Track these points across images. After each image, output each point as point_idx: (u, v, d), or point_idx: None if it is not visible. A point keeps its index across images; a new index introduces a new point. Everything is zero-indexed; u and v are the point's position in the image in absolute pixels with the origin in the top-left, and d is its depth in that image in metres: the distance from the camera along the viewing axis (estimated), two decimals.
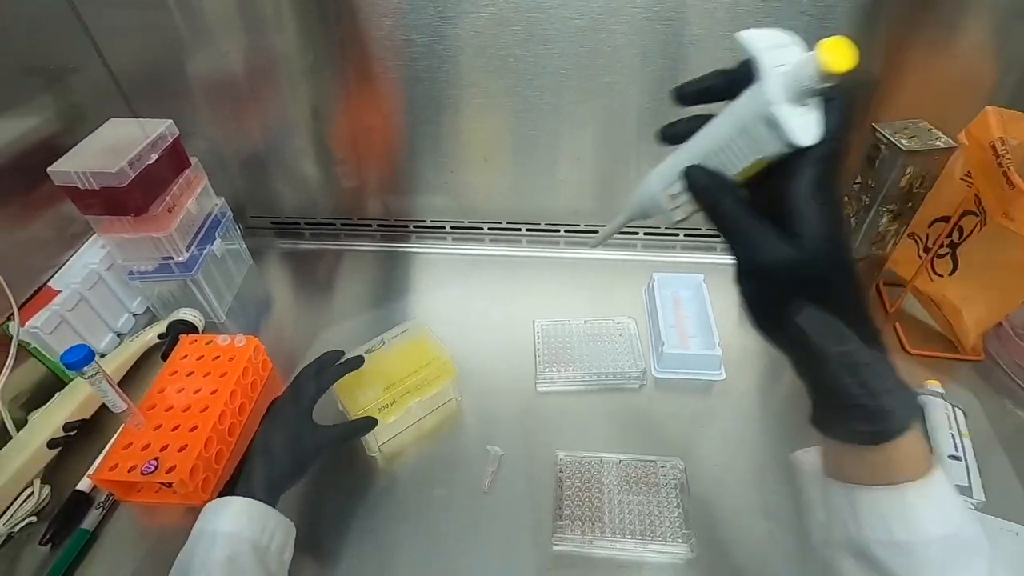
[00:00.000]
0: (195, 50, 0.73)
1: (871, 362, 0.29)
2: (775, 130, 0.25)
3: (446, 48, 0.67)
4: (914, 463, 0.30)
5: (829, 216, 0.27)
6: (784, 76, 0.25)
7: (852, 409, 0.30)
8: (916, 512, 0.30)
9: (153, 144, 0.64)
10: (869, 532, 0.31)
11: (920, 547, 0.30)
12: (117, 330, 0.73)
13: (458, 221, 0.87)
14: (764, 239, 0.28)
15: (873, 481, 0.31)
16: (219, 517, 0.44)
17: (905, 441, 0.30)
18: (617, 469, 0.56)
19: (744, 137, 0.27)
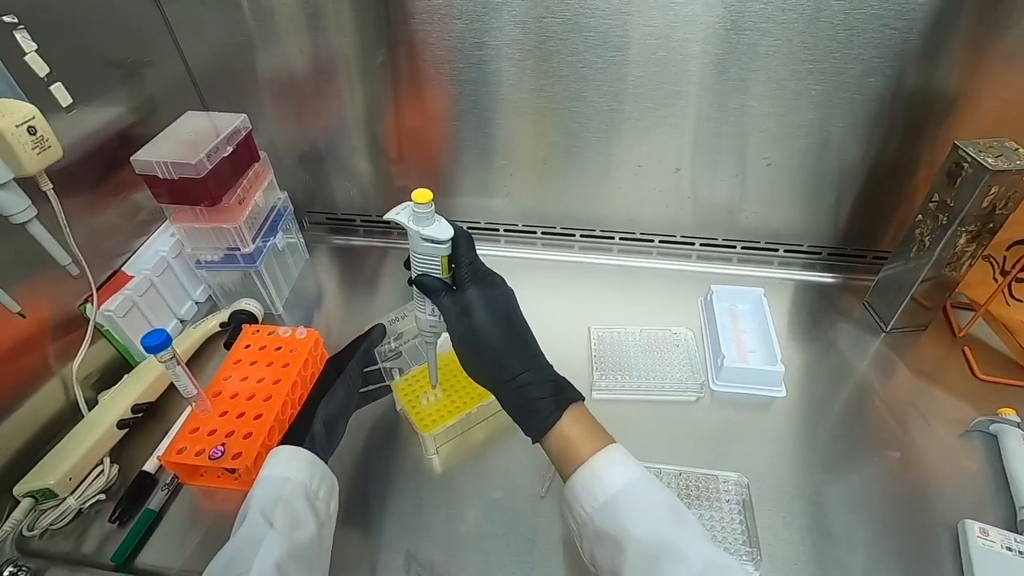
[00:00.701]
0: (264, 48, 0.75)
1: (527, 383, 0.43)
2: (427, 238, 0.44)
3: (516, 52, 0.68)
4: (591, 439, 0.41)
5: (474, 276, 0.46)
6: (414, 218, 0.44)
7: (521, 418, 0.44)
8: (603, 473, 0.39)
9: (228, 137, 0.66)
10: (589, 507, 0.38)
11: (613, 501, 0.37)
12: (181, 317, 0.75)
13: (512, 224, 0.87)
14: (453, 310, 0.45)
15: (574, 464, 0.40)
16: (274, 464, 0.46)
17: (564, 429, 0.42)
18: (677, 481, 0.56)
19: (424, 252, 0.45)
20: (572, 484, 0.40)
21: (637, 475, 0.39)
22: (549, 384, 0.43)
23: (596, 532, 0.38)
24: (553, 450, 0.42)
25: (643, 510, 0.37)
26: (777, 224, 0.80)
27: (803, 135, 0.70)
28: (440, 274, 0.46)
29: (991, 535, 0.49)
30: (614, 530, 0.36)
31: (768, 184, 0.75)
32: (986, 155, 0.56)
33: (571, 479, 0.40)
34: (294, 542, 0.41)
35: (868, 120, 0.67)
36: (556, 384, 0.44)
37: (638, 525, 0.36)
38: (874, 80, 0.64)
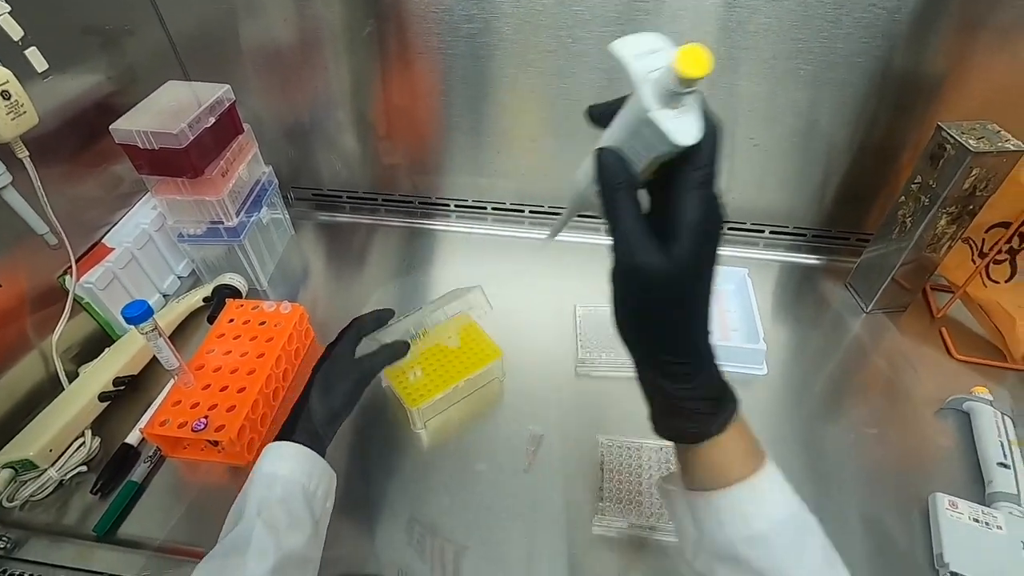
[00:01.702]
0: (249, 18, 0.73)
1: (697, 372, 0.32)
2: (655, 132, 0.27)
3: (506, 25, 0.67)
4: (750, 457, 0.34)
5: (699, 229, 0.28)
6: (654, 83, 0.26)
7: (679, 411, 0.33)
8: (765, 499, 0.33)
9: (210, 108, 0.65)
10: (732, 531, 0.33)
11: (773, 533, 0.32)
12: (163, 291, 0.75)
13: (499, 202, 0.87)
14: (641, 243, 0.28)
15: (723, 483, 0.33)
16: (275, 460, 0.46)
17: (734, 438, 0.33)
18: (658, 456, 0.56)
19: (636, 138, 0.28)
20: (716, 501, 0.33)
21: (795, 508, 0.33)
22: (716, 385, 0.33)
23: (731, 556, 0.33)
24: (695, 452, 0.34)
25: (799, 555, 0.33)
26: (763, 205, 0.80)
27: (791, 116, 0.70)
28: (637, 169, 0.29)
29: (960, 507, 0.51)
30: (762, 566, 0.32)
31: (755, 165, 0.75)
32: (968, 137, 0.57)
33: (717, 495, 0.33)
34: (289, 546, 0.41)
35: (856, 101, 0.68)
36: (722, 386, 0.34)
37: (793, 568, 0.32)
38: (862, 61, 0.64)
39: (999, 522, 0.49)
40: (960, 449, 0.58)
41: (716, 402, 0.33)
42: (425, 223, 0.89)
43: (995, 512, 0.50)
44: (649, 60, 0.27)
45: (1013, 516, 0.50)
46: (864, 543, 0.52)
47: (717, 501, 0.33)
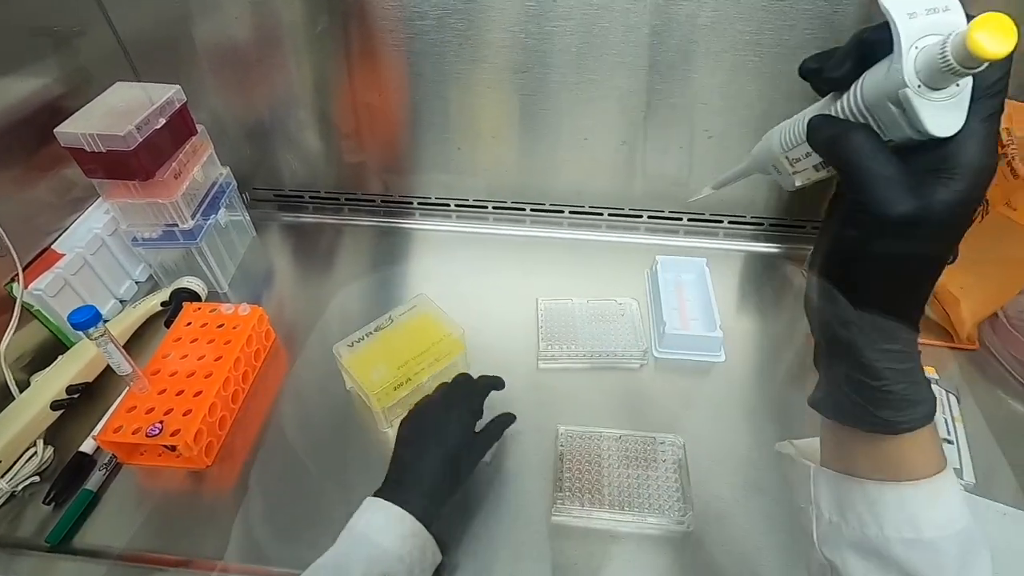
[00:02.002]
0: (202, 17, 0.72)
1: (917, 350, 0.28)
2: (908, 114, 0.22)
3: (458, 22, 0.67)
4: (934, 457, 0.30)
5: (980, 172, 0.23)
6: (925, 54, 0.21)
7: (889, 394, 0.28)
8: (943, 508, 0.29)
9: (160, 109, 0.64)
10: (893, 531, 0.29)
11: (944, 543, 0.29)
12: (120, 296, 0.73)
13: (463, 199, 0.87)
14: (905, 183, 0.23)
15: (893, 475, 0.30)
16: (387, 530, 0.42)
17: (928, 432, 0.29)
18: (617, 444, 0.57)
19: (876, 111, 0.23)
20: (876, 493, 0.30)
21: (970, 523, 0.30)
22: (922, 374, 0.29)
23: (879, 555, 0.30)
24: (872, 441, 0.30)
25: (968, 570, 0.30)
26: (721, 196, 0.80)
27: (743, 107, 0.71)
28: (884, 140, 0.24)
29: None
30: (921, 572, 0.29)
31: (712, 157, 0.77)
32: None
33: (876, 488, 0.30)
34: None
35: (806, 92, 0.69)
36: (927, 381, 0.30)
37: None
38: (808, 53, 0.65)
39: None
40: None
41: (926, 387, 0.29)
42: (389, 221, 0.89)
43: None
44: (925, 21, 0.21)
45: None
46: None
47: (881, 494, 0.30)
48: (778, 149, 0.30)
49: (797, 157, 0.30)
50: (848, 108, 0.25)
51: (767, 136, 0.32)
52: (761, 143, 0.32)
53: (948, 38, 0.20)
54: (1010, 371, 0.65)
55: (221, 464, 0.59)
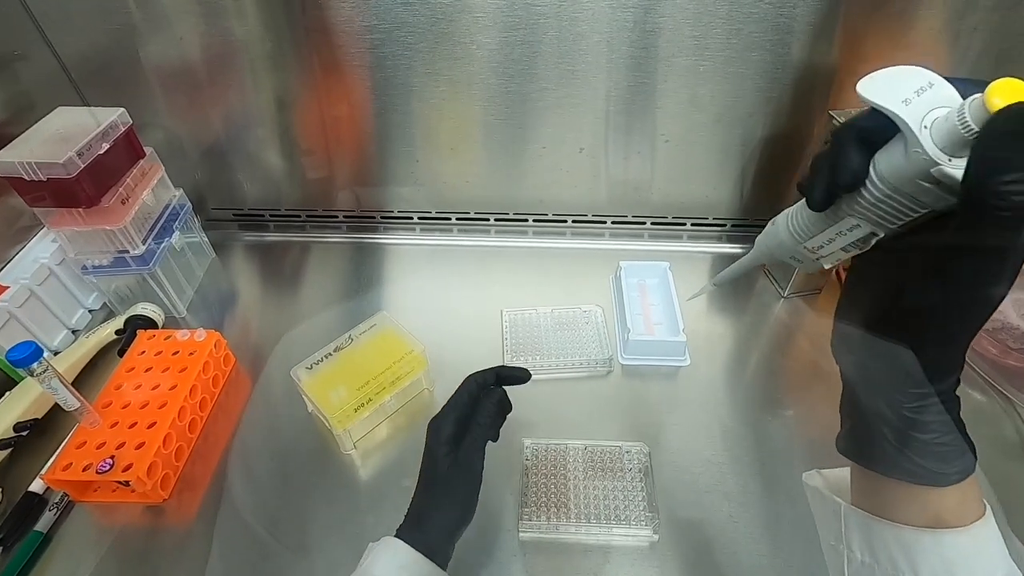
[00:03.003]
0: (149, 36, 0.70)
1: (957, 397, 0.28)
2: (944, 186, 0.22)
3: (407, 35, 0.66)
4: (975, 504, 0.29)
5: None
6: (939, 129, 0.22)
7: (939, 447, 0.28)
8: (982, 557, 0.29)
9: (104, 133, 0.62)
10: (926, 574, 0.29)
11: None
12: (72, 326, 0.71)
13: (425, 212, 0.86)
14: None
15: (931, 523, 0.29)
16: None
17: (970, 481, 0.29)
18: (583, 455, 0.57)
19: (903, 192, 0.24)
20: (913, 537, 0.29)
21: (1010, 568, 0.29)
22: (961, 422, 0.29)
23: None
24: (888, 487, 0.30)
25: None
26: (683, 199, 0.82)
27: (696, 111, 0.71)
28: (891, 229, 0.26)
29: None
30: None
31: (670, 160, 0.77)
32: None
33: (914, 532, 0.29)
34: None
35: (756, 94, 0.70)
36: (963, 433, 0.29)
37: None
38: (756, 55, 0.66)
39: None
40: None
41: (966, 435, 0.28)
42: (353, 237, 0.88)
43: None
44: (919, 102, 0.22)
45: None
46: (783, 522, 0.53)
47: (918, 540, 0.29)
48: (791, 242, 0.30)
49: (819, 245, 0.29)
50: (871, 198, 0.25)
51: (775, 231, 0.32)
52: (766, 236, 0.33)
53: (964, 108, 0.21)
54: (967, 362, 0.66)
55: (180, 496, 0.57)
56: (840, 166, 0.25)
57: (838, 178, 0.25)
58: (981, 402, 0.63)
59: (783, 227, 0.31)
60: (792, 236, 0.30)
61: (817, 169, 0.26)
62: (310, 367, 0.60)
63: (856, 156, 0.24)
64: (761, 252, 0.34)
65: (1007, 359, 0.64)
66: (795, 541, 0.51)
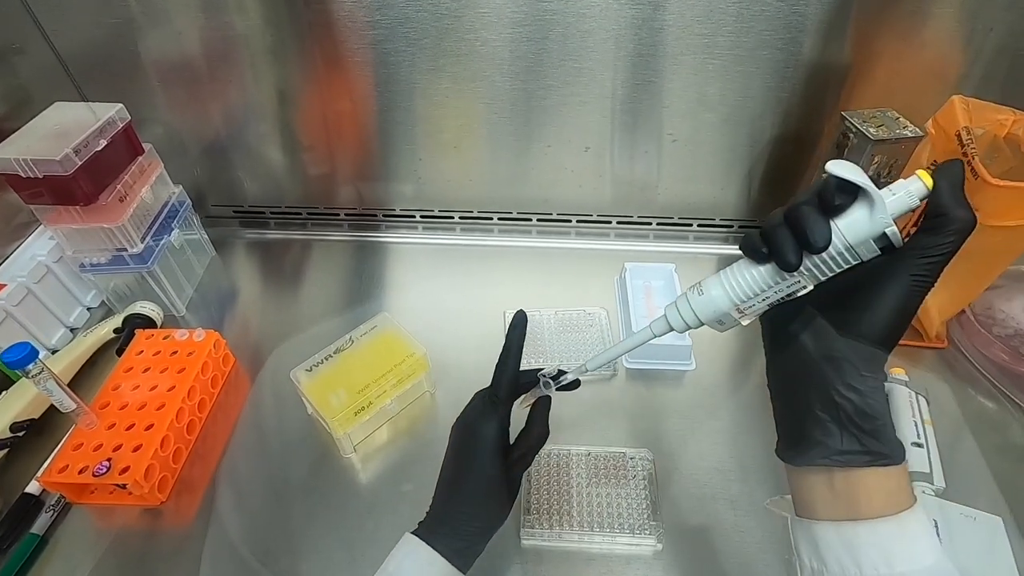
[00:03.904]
0: (148, 30, 0.69)
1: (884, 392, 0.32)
2: (882, 242, 0.29)
3: (411, 31, 0.65)
4: (906, 492, 0.31)
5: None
6: (898, 202, 0.30)
7: (885, 427, 0.31)
8: (915, 540, 0.30)
9: (101, 130, 0.61)
10: (870, 569, 0.30)
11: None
12: (70, 325, 0.70)
13: (428, 210, 0.85)
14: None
15: (867, 516, 0.31)
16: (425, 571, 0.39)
17: (901, 467, 0.31)
18: (586, 462, 0.56)
19: (849, 254, 0.30)
20: (850, 533, 0.31)
21: (941, 558, 0.31)
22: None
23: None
24: (829, 481, 0.32)
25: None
26: (689, 199, 0.81)
27: (705, 110, 0.70)
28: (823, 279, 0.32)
29: None
30: None
31: (677, 160, 0.76)
32: (869, 125, 0.58)
33: (850, 527, 0.31)
34: None
35: (766, 94, 0.68)
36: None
37: None
38: (767, 53, 0.64)
39: None
40: None
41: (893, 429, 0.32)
42: (355, 235, 0.87)
43: None
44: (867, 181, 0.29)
45: (925, 495, 0.51)
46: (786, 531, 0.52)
47: (856, 534, 0.31)
48: (727, 304, 0.34)
49: (751, 304, 0.33)
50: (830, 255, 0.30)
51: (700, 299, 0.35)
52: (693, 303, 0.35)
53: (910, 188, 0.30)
54: (978, 368, 0.65)
55: (178, 499, 0.56)
56: (816, 231, 0.29)
57: (815, 241, 0.29)
58: (993, 410, 0.62)
59: (719, 292, 0.34)
60: (730, 297, 0.34)
61: (779, 237, 0.31)
62: (310, 369, 0.59)
63: (824, 223, 0.29)
64: (679, 320, 0.37)
65: (1019, 365, 0.62)
66: None
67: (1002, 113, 0.57)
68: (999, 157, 0.57)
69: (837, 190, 0.29)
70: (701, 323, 0.36)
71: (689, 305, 0.36)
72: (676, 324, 0.37)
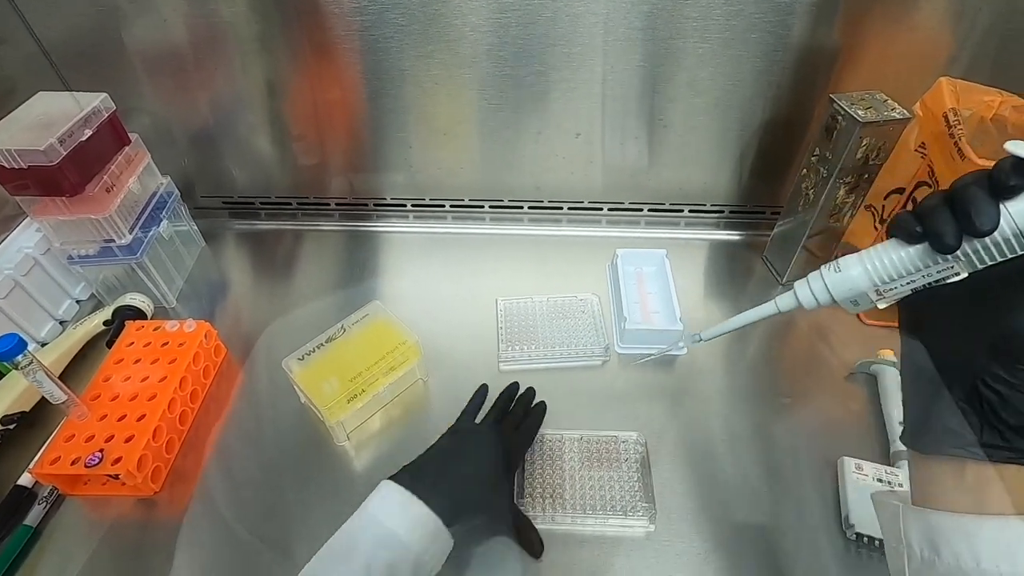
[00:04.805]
0: (133, 18, 0.68)
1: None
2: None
3: (399, 17, 0.64)
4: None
5: None
6: None
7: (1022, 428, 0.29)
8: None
9: (86, 119, 0.61)
10: (990, 564, 0.29)
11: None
12: (59, 317, 0.70)
13: (419, 199, 0.85)
14: None
15: (996, 510, 0.29)
16: (401, 516, 0.43)
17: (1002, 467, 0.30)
18: (579, 445, 0.56)
19: (1017, 242, 0.27)
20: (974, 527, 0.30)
21: None
22: None
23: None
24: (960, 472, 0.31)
25: None
26: (680, 185, 0.81)
27: (694, 95, 0.70)
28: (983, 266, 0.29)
29: (865, 469, 0.53)
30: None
31: (667, 145, 0.76)
32: (857, 108, 0.58)
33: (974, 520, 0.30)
34: None
35: (756, 77, 0.68)
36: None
37: None
38: (757, 36, 0.64)
39: (900, 480, 0.51)
40: (869, 412, 0.60)
41: None
42: (346, 225, 0.86)
43: (897, 471, 0.52)
44: None
45: None
46: (781, 511, 0.53)
47: (979, 527, 0.30)
48: (866, 283, 0.32)
49: (894, 286, 0.31)
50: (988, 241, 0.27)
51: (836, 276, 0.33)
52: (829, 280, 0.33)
53: None
54: None
55: (171, 489, 0.56)
56: (982, 213, 0.27)
57: (981, 224, 0.27)
58: None
59: (860, 270, 0.32)
60: (871, 277, 0.31)
61: (940, 217, 0.28)
62: (302, 358, 0.59)
63: (993, 205, 0.27)
64: (808, 297, 0.34)
65: None
66: (797, 531, 0.51)
67: (989, 95, 0.58)
68: (986, 139, 0.58)
69: (1012, 170, 0.26)
70: (834, 300, 0.34)
71: (823, 281, 0.33)
72: (805, 300, 0.35)
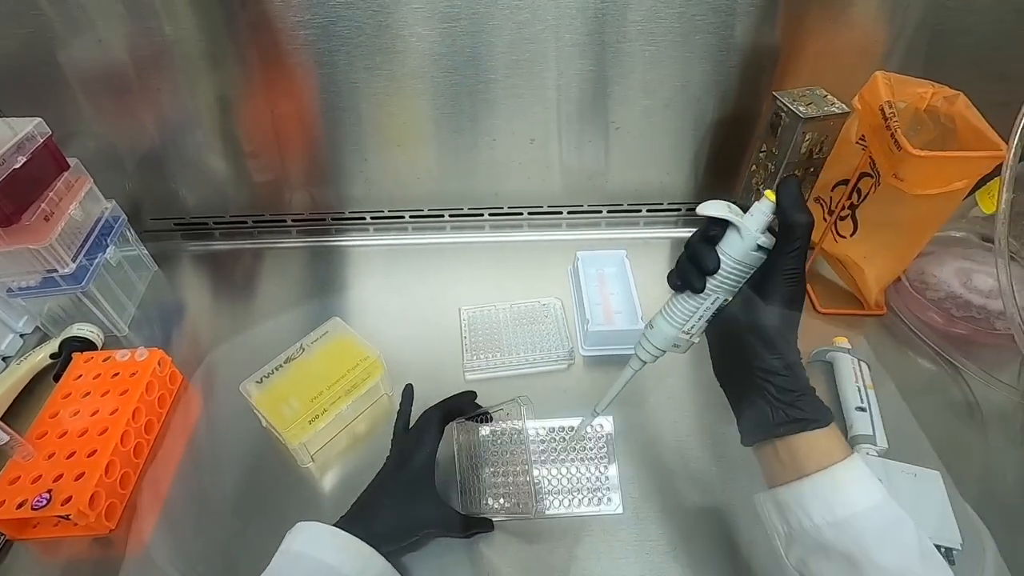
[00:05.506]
0: (66, 39, 0.66)
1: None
2: (760, 250, 0.37)
3: (343, 30, 0.64)
4: (839, 449, 0.36)
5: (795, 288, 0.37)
6: (754, 219, 0.37)
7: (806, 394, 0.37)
8: (845, 488, 0.35)
9: (19, 146, 0.58)
10: (818, 518, 0.35)
11: (860, 519, 0.34)
12: (2, 353, 0.67)
13: (378, 211, 0.84)
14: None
15: (810, 472, 0.35)
16: (330, 545, 0.44)
17: (831, 431, 0.36)
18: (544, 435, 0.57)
19: (741, 267, 0.38)
20: (798, 490, 0.36)
21: (882, 497, 0.35)
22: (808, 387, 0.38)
23: (821, 545, 0.35)
24: (776, 452, 0.37)
25: (891, 539, 0.33)
26: (637, 186, 0.82)
27: (645, 97, 0.71)
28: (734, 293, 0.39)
29: None
30: (851, 550, 0.33)
31: (623, 147, 0.77)
32: (799, 104, 0.60)
33: (798, 484, 0.36)
34: None
35: (704, 78, 0.70)
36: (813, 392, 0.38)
37: (884, 553, 0.33)
38: (701, 38, 0.66)
39: None
40: (826, 399, 0.61)
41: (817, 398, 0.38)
42: (304, 241, 0.85)
43: None
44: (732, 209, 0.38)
45: (870, 456, 0.53)
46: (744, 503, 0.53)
47: (800, 489, 0.36)
48: (674, 332, 0.42)
49: (691, 325, 0.41)
50: (724, 273, 0.38)
51: (653, 332, 0.43)
52: (653, 337, 0.43)
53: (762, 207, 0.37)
54: (915, 332, 0.68)
55: (129, 526, 0.54)
56: (705, 259, 0.38)
57: (707, 266, 0.37)
58: (931, 370, 0.65)
59: (664, 324, 0.42)
60: (672, 326, 0.41)
61: (685, 269, 0.39)
62: (260, 381, 0.57)
63: (710, 250, 0.38)
64: (646, 354, 0.44)
65: (952, 327, 0.66)
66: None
67: (922, 87, 0.60)
68: (922, 129, 0.60)
69: (711, 224, 0.38)
70: (663, 351, 0.43)
71: (648, 340, 0.43)
72: (645, 357, 0.44)
